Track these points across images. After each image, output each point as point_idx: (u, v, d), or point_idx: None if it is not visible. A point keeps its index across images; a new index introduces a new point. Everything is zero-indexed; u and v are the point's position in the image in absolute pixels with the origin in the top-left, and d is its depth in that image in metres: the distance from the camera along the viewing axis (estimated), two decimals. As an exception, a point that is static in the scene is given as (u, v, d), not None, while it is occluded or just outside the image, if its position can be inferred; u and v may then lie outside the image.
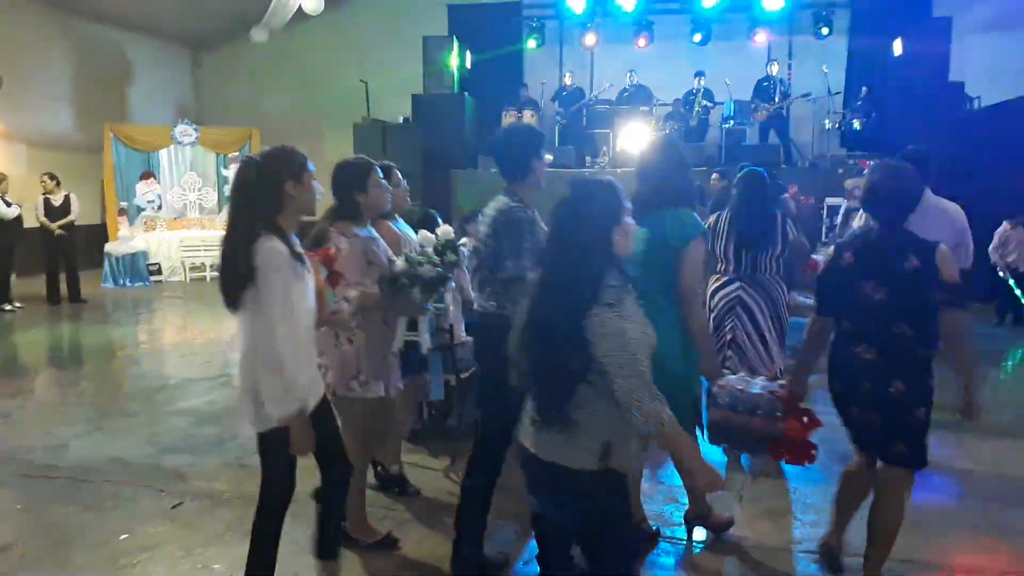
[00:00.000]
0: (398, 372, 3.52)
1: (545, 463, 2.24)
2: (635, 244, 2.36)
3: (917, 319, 2.82)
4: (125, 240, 12.59)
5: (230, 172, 14.09)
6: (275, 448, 2.76)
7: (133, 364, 7.51)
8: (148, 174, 13.59)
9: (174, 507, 4.03)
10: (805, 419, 3.09)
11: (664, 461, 4.62)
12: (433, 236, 3.51)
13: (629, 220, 2.28)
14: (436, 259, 3.36)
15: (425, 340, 3.84)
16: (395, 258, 3.40)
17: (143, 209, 13.43)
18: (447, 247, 3.42)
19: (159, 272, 12.92)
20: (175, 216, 13.62)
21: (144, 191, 13.41)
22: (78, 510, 4.02)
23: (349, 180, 3.34)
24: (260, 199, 2.65)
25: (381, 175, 3.49)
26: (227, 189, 14.05)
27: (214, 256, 13.08)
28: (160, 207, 13.60)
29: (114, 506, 4.06)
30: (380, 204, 3.48)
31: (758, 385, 3.21)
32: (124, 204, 13.20)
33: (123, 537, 3.71)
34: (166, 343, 8.52)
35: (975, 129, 11.61)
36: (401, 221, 3.98)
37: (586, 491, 2.20)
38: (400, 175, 3.90)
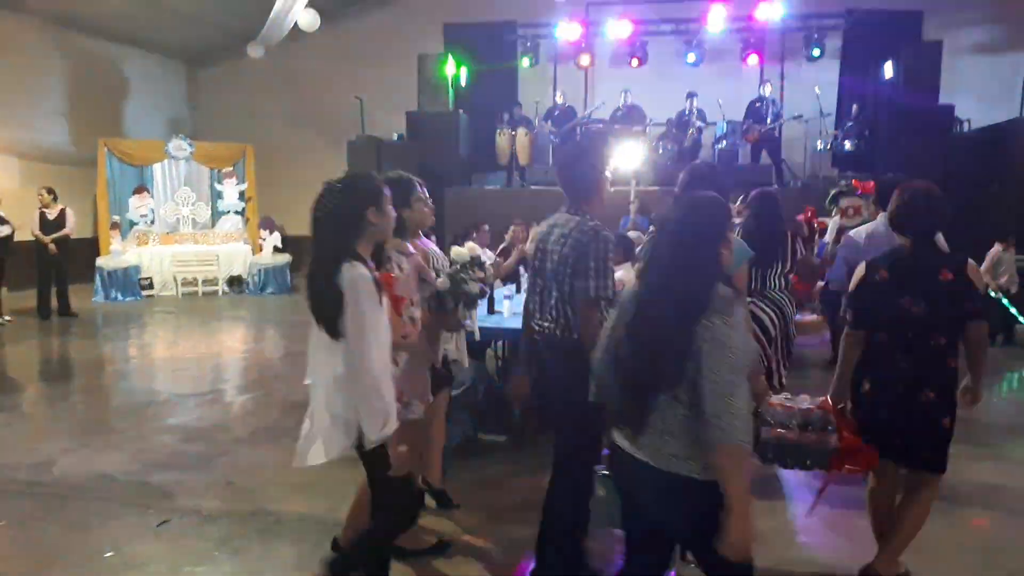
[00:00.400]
0: (428, 387, 3.48)
1: (647, 469, 2.26)
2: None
3: (952, 330, 3.01)
4: (117, 254, 12.56)
5: (224, 187, 14.10)
6: (379, 469, 2.82)
7: (122, 379, 7.46)
8: (141, 188, 13.57)
9: (160, 525, 3.99)
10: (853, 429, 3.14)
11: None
12: (465, 251, 3.47)
13: (731, 235, 2.39)
14: (474, 275, 3.35)
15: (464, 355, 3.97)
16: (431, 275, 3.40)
17: (136, 223, 13.40)
18: (474, 263, 3.41)
19: (151, 287, 12.87)
20: (168, 231, 13.59)
21: (137, 205, 13.39)
22: (63, 527, 3.98)
23: (394, 197, 3.29)
24: (344, 226, 2.68)
25: (425, 192, 3.49)
26: (221, 204, 14.09)
27: (206, 271, 13.14)
28: (153, 221, 13.57)
29: (100, 523, 4.02)
30: (424, 220, 3.48)
31: (805, 401, 3.22)
32: (116, 218, 13.18)
33: (108, 555, 3.67)
34: (156, 358, 8.47)
35: (965, 151, 11.71)
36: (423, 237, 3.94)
37: (691, 498, 2.22)
38: (425, 191, 3.85)
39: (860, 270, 3.23)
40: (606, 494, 2.96)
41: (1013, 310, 8.86)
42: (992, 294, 9.00)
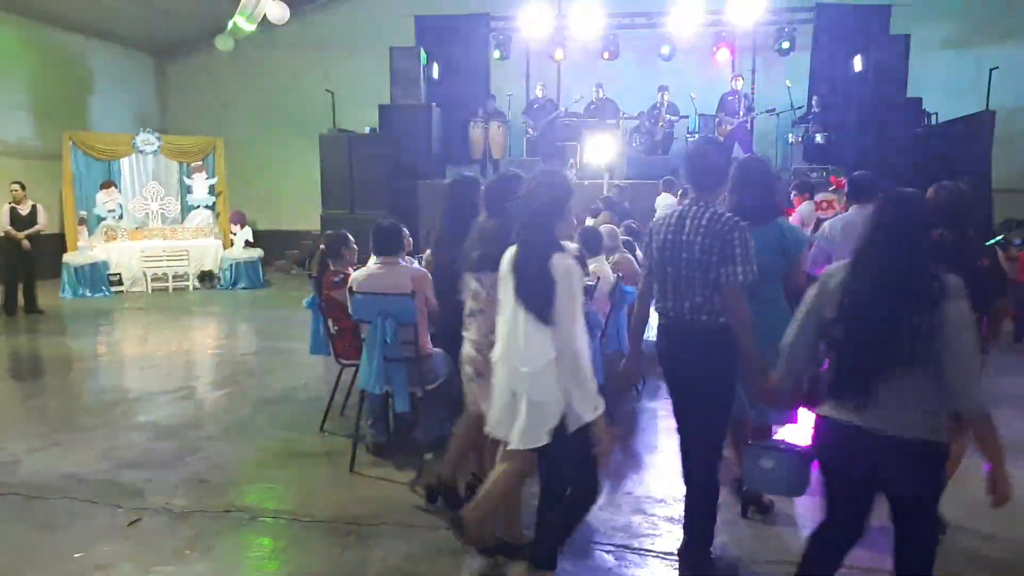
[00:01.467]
0: None
1: (875, 436, 2.52)
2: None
3: (984, 306, 3.36)
4: (85, 250, 12.35)
5: (193, 181, 13.91)
6: (582, 450, 2.88)
7: (91, 377, 7.35)
8: (109, 183, 13.34)
9: (131, 524, 3.93)
10: None
11: (632, 471, 4.63)
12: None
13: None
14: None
15: None
16: None
17: (103, 218, 13.17)
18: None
19: (120, 282, 12.67)
20: (136, 226, 13.37)
21: (104, 200, 13.16)
22: (30, 528, 3.90)
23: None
24: (553, 217, 2.86)
25: None
26: (190, 198, 13.89)
27: (176, 266, 12.96)
28: (121, 216, 13.35)
29: (68, 523, 3.95)
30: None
31: None
32: (84, 213, 12.95)
33: (77, 555, 3.60)
34: (126, 355, 8.34)
35: (933, 144, 11.88)
36: None
37: (920, 458, 2.52)
38: None
39: None
40: None
41: None
42: None
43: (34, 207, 10.46)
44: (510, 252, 2.96)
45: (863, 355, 2.53)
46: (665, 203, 10.21)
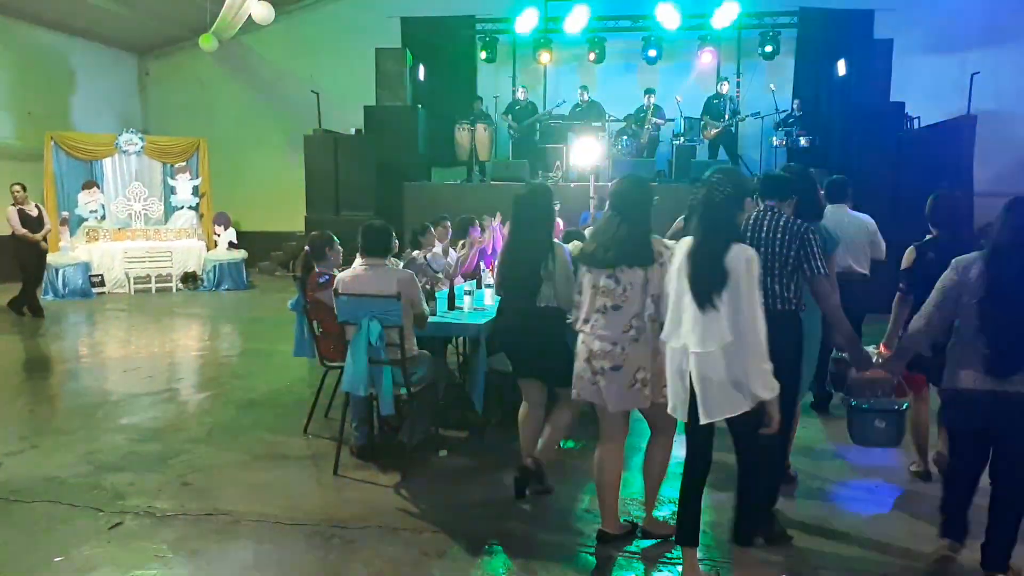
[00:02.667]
0: None
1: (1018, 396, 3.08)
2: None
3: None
4: (66, 251, 12.23)
5: (177, 182, 13.81)
6: (750, 429, 3.13)
7: (72, 379, 7.27)
8: (91, 183, 13.22)
9: (112, 527, 3.89)
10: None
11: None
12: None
13: None
14: None
15: None
16: None
17: (85, 219, 13.05)
18: None
19: (102, 284, 12.57)
20: (119, 227, 13.26)
21: (87, 201, 13.03)
22: (10, 533, 3.85)
23: None
24: (734, 210, 3.14)
25: None
26: (174, 199, 13.78)
27: (160, 268, 12.87)
28: (104, 217, 13.24)
29: (49, 527, 3.90)
30: None
31: (870, 350, 3.99)
32: (65, 214, 12.82)
33: (58, 560, 3.56)
34: (108, 357, 8.26)
35: (915, 148, 11.97)
36: None
37: None
38: None
39: (912, 254, 4.22)
40: None
41: None
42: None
43: (39, 207, 10.44)
44: (686, 244, 3.18)
45: (1018, 333, 3.05)
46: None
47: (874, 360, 3.83)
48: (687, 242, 3.20)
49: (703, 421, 3.08)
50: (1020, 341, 3.05)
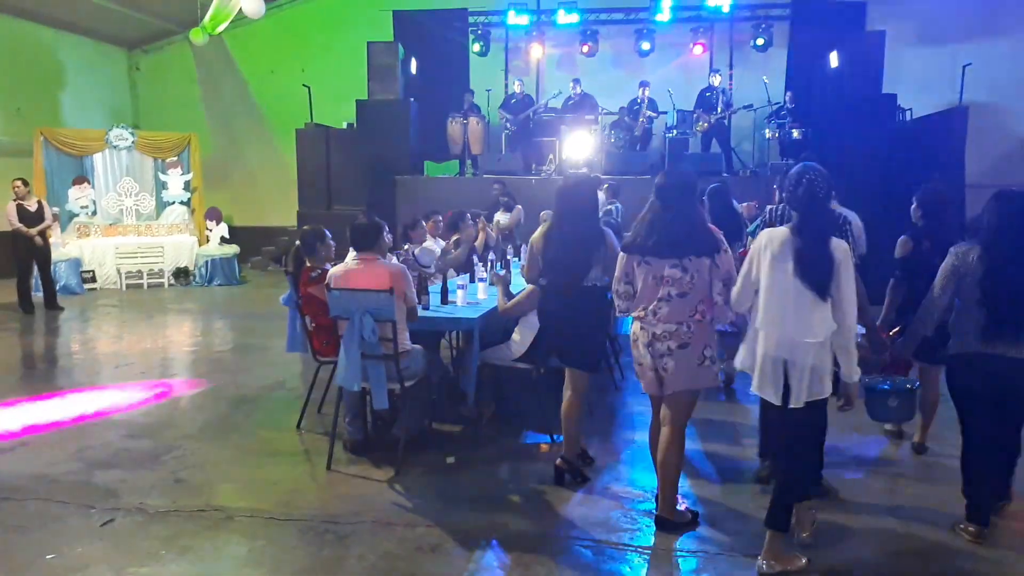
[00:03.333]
0: None
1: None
2: None
3: None
4: (57, 247, 12.15)
5: (168, 177, 13.74)
6: (811, 416, 3.40)
7: (64, 375, 7.23)
8: (81, 179, 13.14)
9: (104, 524, 3.87)
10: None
11: (611, 466, 4.63)
12: None
13: None
14: None
15: None
16: None
17: (76, 215, 12.99)
18: None
19: (93, 280, 12.51)
20: (110, 222, 13.20)
21: (77, 196, 12.97)
22: (1, 530, 3.83)
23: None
24: (828, 203, 3.63)
25: None
26: (165, 194, 13.71)
27: (151, 263, 12.81)
28: (95, 213, 13.17)
29: (40, 525, 3.88)
30: None
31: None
32: (56, 210, 12.74)
33: (49, 557, 3.54)
34: (100, 353, 8.22)
35: (907, 139, 11.99)
36: None
37: None
38: None
39: (908, 243, 4.53)
40: None
41: None
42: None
43: (39, 202, 10.43)
44: (781, 235, 3.33)
45: (1017, 306, 3.50)
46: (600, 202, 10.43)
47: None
48: (781, 233, 3.35)
49: (794, 405, 3.28)
50: (1015, 310, 3.51)
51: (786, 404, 3.29)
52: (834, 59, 12.85)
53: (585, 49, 14.27)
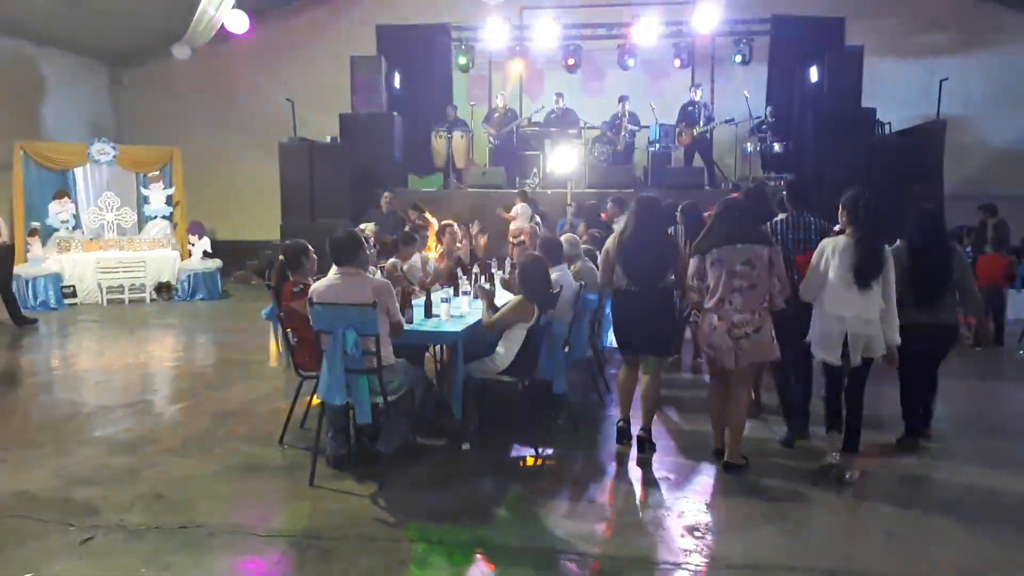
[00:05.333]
0: None
1: (940, 325, 4.98)
2: None
3: None
4: (37, 261, 12.04)
5: (150, 191, 13.66)
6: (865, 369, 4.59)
7: (43, 391, 7.15)
8: (62, 193, 13.03)
9: (84, 542, 3.82)
10: None
11: (596, 480, 4.63)
12: None
13: None
14: None
15: None
16: None
17: (56, 229, 12.87)
18: None
19: (74, 295, 12.39)
20: (92, 237, 13.09)
21: (58, 211, 12.85)
22: (-22, 549, 3.78)
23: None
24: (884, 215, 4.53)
25: None
26: (147, 209, 13.62)
27: (133, 278, 12.70)
28: (76, 227, 13.06)
29: (18, 543, 3.83)
30: None
31: None
32: (36, 224, 12.64)
33: (27, 576, 3.50)
34: (80, 369, 8.14)
35: (886, 153, 12.14)
36: None
37: (953, 334, 5.22)
38: None
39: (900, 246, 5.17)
40: None
41: None
42: None
43: None
44: (843, 242, 4.49)
45: (932, 281, 4.91)
46: (522, 212, 10.59)
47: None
48: (843, 240, 4.51)
49: (855, 363, 4.48)
50: (935, 286, 4.93)
51: (846, 364, 4.48)
52: (814, 74, 13.01)
53: (568, 63, 14.37)
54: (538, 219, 10.08)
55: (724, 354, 4.55)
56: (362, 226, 10.17)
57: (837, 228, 4.84)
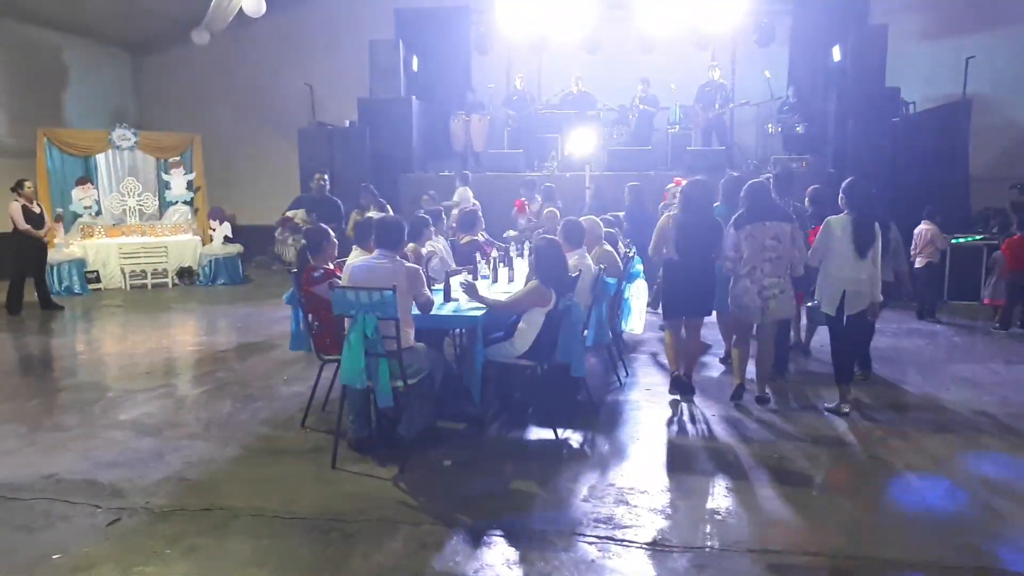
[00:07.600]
0: None
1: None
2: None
3: None
4: (61, 247, 12.19)
5: (171, 177, 13.77)
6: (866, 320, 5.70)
7: (69, 375, 7.25)
8: (85, 179, 13.18)
9: (110, 524, 3.88)
10: None
11: (615, 462, 4.63)
12: None
13: None
14: None
15: None
16: None
17: (80, 215, 13.02)
18: None
19: (97, 280, 12.54)
20: (114, 222, 13.23)
21: (81, 197, 13.00)
22: (8, 530, 3.84)
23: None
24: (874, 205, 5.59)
25: None
26: (168, 194, 13.73)
27: (155, 263, 12.83)
28: (98, 213, 13.20)
29: (46, 525, 3.90)
30: None
31: None
32: (60, 210, 12.79)
33: (56, 557, 3.55)
34: (105, 353, 8.24)
35: (910, 133, 11.95)
36: None
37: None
38: None
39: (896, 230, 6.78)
40: None
41: None
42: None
43: (40, 205, 10.57)
44: (844, 219, 5.45)
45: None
46: (464, 196, 10.59)
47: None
48: (844, 218, 5.45)
49: (849, 313, 5.46)
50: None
51: (842, 314, 5.46)
52: (837, 54, 12.81)
53: (587, 45, 14.23)
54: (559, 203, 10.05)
55: (752, 313, 5.61)
56: (290, 213, 10.22)
57: (811, 211, 6.35)
